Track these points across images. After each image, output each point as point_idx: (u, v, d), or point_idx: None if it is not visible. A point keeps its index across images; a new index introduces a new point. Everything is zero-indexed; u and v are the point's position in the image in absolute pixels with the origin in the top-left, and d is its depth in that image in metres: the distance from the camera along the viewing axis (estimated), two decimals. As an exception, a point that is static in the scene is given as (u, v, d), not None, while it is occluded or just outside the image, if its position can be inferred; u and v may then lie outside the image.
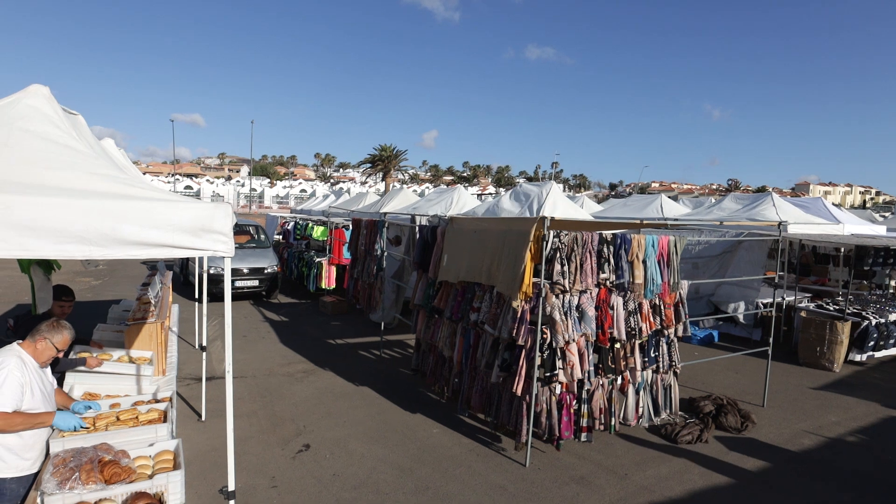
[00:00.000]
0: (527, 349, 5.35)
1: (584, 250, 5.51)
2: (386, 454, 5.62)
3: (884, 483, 5.42)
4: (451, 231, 6.65)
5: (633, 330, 5.80)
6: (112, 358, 4.56)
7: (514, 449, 5.71)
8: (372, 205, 12.13)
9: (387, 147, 57.98)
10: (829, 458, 5.96)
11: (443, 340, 6.64)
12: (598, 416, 5.76)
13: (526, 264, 5.25)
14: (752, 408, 7.08)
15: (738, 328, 10.63)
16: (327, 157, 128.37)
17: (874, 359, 9.60)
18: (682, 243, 6.24)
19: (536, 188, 8.32)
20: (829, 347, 8.99)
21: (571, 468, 5.44)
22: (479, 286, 6.09)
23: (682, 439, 6.05)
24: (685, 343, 10.20)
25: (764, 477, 5.47)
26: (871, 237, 10.49)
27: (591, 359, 5.59)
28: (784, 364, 9.25)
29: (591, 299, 5.57)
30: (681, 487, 5.18)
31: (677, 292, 6.22)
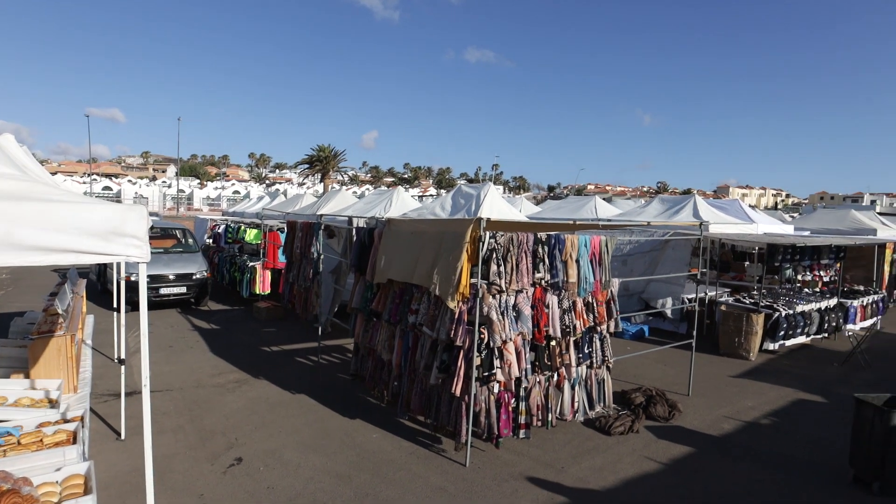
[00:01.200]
0: (465, 350, 5.36)
1: (519, 251, 5.60)
2: (324, 463, 5.46)
3: (794, 460, 5.84)
4: (388, 233, 6.58)
5: (567, 327, 5.95)
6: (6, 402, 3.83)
7: (454, 450, 5.71)
8: (308, 206, 11.83)
9: (325, 147, 56.61)
10: (747, 440, 6.36)
11: (381, 344, 6.55)
12: (536, 412, 5.86)
13: (463, 265, 5.26)
14: (678, 397, 7.45)
15: (667, 323, 11.18)
16: (262, 158, 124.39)
17: (784, 347, 10.37)
18: (613, 243, 6.48)
19: (475, 190, 8.39)
20: (746, 338, 9.62)
21: (511, 465, 5.51)
22: (417, 288, 6.05)
23: (615, 431, 6.26)
24: (618, 338, 10.61)
25: (689, 462, 5.76)
26: (780, 236, 11.33)
27: (528, 357, 5.68)
28: (707, 355, 9.81)
29: (526, 298, 5.67)
30: (614, 477, 5.36)
31: (609, 290, 6.44)
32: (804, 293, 12.04)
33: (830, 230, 15.16)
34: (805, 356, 10.28)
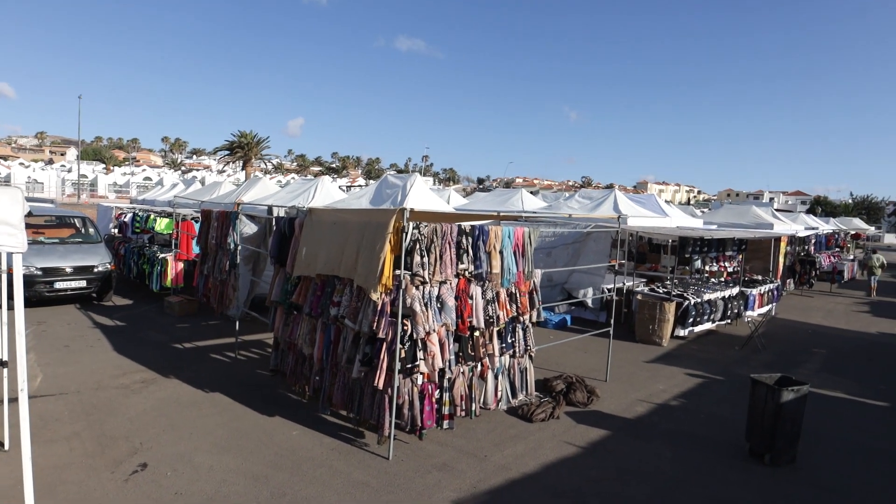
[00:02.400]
0: (388, 342, 5.27)
1: (443, 241, 5.56)
2: (238, 464, 5.20)
3: (698, 437, 6.24)
4: (309, 223, 6.34)
5: (491, 318, 6.00)
6: None
7: (377, 443, 5.62)
8: (227, 195, 11.21)
9: (247, 134, 53.90)
10: (657, 421, 6.72)
11: (302, 338, 6.32)
12: (460, 402, 5.88)
13: (386, 256, 5.16)
14: (597, 383, 7.75)
15: (588, 312, 11.63)
16: (177, 142, 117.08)
17: (693, 333, 11.08)
18: (536, 234, 6.59)
19: (401, 180, 8.27)
20: (659, 325, 10.19)
21: (434, 456, 5.49)
22: (339, 280, 5.87)
23: (537, 418, 6.41)
24: (541, 328, 10.90)
25: (605, 443, 6.01)
26: (691, 229, 12.07)
27: (451, 348, 5.68)
28: (624, 342, 10.29)
29: (450, 290, 5.65)
30: (535, 462, 5.48)
31: (531, 280, 6.56)
32: (711, 283, 12.91)
33: (734, 224, 16.34)
34: (711, 341, 11.03)
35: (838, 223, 32.03)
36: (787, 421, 5.63)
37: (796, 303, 17.02)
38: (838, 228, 28.79)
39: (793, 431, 5.73)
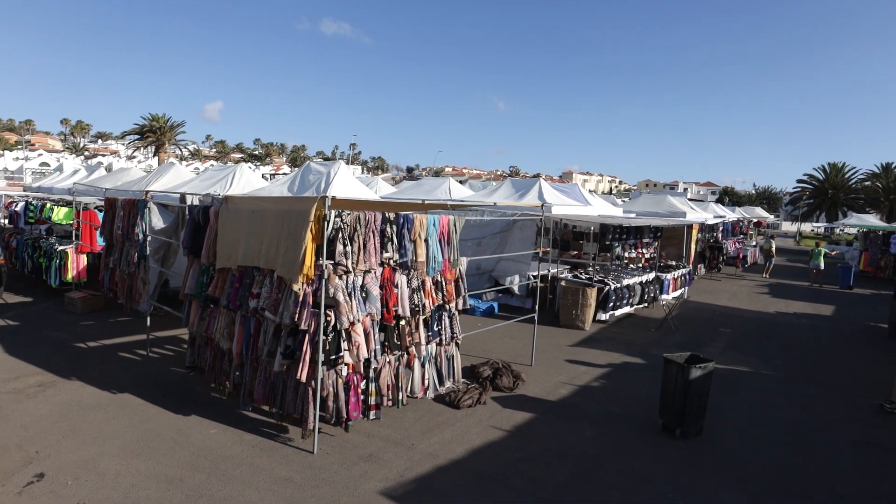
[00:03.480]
0: (310, 333, 5.12)
1: (367, 230, 5.46)
2: (150, 467, 4.89)
3: (616, 415, 6.55)
4: (225, 212, 6.02)
5: (416, 307, 5.97)
6: None
7: (301, 438, 5.48)
8: (135, 182, 10.40)
9: (159, 117, 50.24)
10: (579, 402, 6.99)
11: (220, 332, 6.02)
12: (386, 392, 5.82)
13: (307, 245, 4.99)
14: (523, 368, 7.94)
15: (515, 299, 11.89)
16: (79, 125, 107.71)
17: (614, 317, 11.61)
18: (461, 223, 6.62)
19: (324, 168, 8.03)
20: (582, 310, 10.59)
21: (360, 447, 5.42)
22: (258, 271, 5.63)
23: (464, 404, 6.48)
24: (469, 315, 11.03)
25: (530, 426, 6.17)
26: (611, 217, 12.59)
27: (377, 338, 5.60)
28: (549, 327, 10.61)
29: (375, 279, 5.56)
30: (462, 448, 5.54)
31: (457, 269, 6.59)
32: (630, 269, 13.57)
33: (651, 213, 17.22)
34: (629, 324, 11.61)
35: (743, 212, 34.68)
36: (695, 396, 6.02)
37: (706, 286, 18.26)
38: (743, 217, 31.17)
39: (700, 406, 6.13)
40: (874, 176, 57.26)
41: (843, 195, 58.30)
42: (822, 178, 60.75)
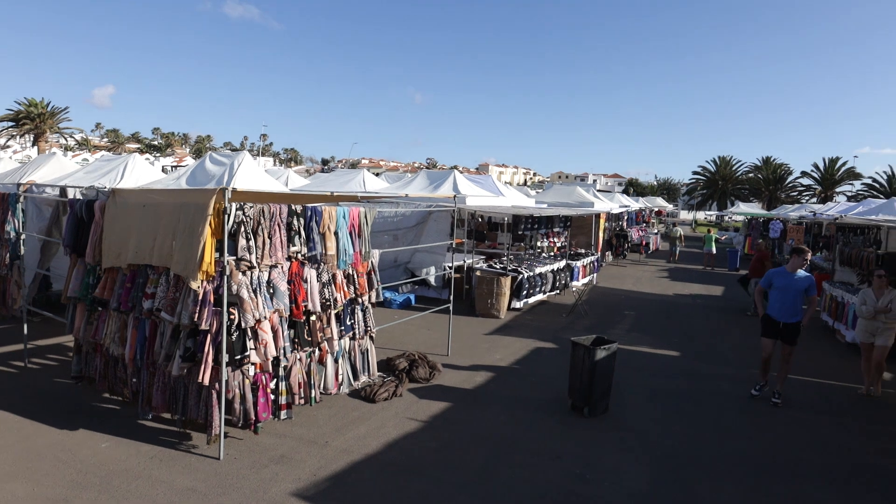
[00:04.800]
0: (212, 333, 4.83)
1: (272, 223, 5.23)
2: (30, 490, 4.41)
3: (529, 398, 6.77)
4: (113, 206, 5.53)
5: (327, 301, 5.82)
6: None
7: (206, 444, 5.17)
8: (7, 174, 9.32)
9: (37, 102, 44.82)
10: (494, 388, 7.15)
11: (110, 337, 5.54)
12: (298, 390, 5.64)
13: (206, 240, 4.70)
14: (439, 358, 8.00)
15: (431, 290, 11.94)
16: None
17: (527, 304, 11.99)
18: (373, 215, 6.52)
19: (227, 159, 7.61)
20: (497, 299, 10.83)
21: (271, 449, 5.21)
22: (152, 269, 5.23)
23: (380, 397, 6.42)
24: (386, 308, 10.96)
25: (446, 415, 6.23)
26: (523, 208, 12.95)
27: (286, 335, 5.40)
28: (466, 317, 10.77)
29: (282, 273, 5.35)
30: (377, 442, 5.48)
31: (369, 261, 6.49)
32: (542, 257, 14.07)
33: (562, 203, 17.95)
34: (542, 310, 12.04)
35: (646, 202, 37.08)
36: (601, 376, 6.34)
37: (613, 272, 19.36)
38: (645, 206, 33.31)
39: (606, 385, 6.47)
40: (756, 168, 63.34)
41: (731, 186, 63.96)
42: (714, 171, 66.26)
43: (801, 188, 60.96)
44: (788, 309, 6.87)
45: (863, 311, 7.37)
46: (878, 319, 7.25)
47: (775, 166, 61.99)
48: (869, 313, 7.28)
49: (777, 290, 6.96)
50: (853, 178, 58.00)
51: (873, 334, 7.31)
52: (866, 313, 7.31)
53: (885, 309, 7.15)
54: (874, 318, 7.27)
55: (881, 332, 7.24)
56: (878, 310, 7.21)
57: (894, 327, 7.25)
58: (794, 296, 6.86)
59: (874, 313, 7.24)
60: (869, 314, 7.28)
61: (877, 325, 7.27)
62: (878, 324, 7.26)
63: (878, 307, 7.22)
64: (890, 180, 54.54)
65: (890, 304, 7.14)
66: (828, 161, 59.33)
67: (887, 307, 7.14)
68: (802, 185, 60.97)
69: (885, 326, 7.22)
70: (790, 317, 6.87)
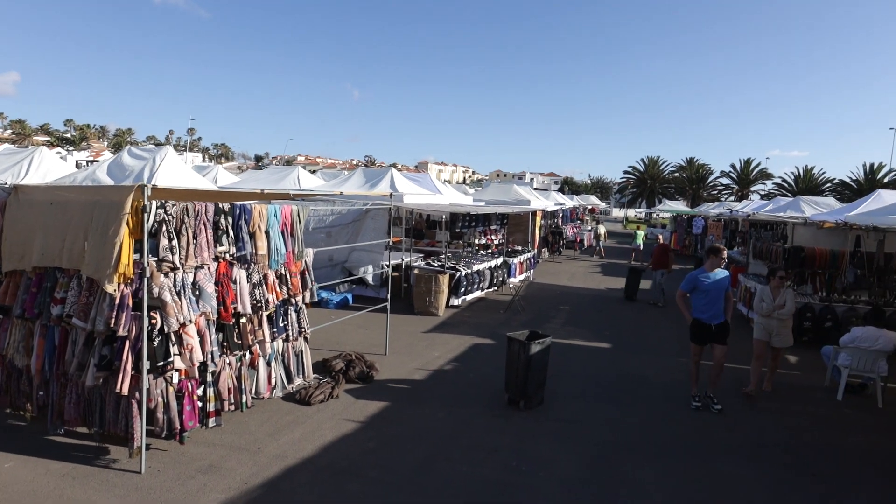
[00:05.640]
0: (131, 339, 4.55)
1: (197, 222, 4.99)
2: (-83, 519, 3.99)
3: (467, 395, 6.84)
4: (16, 204, 5.09)
5: (258, 302, 5.62)
6: None
7: (128, 457, 4.87)
8: None
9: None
10: (432, 385, 7.17)
11: (13, 347, 5.09)
12: (228, 396, 5.41)
13: (122, 241, 4.41)
14: (377, 357, 7.93)
15: (370, 289, 11.82)
16: None
17: (466, 301, 12.11)
18: (306, 213, 6.36)
19: (148, 153, 7.19)
20: (435, 297, 10.87)
21: (199, 459, 4.98)
22: (61, 272, 4.86)
23: (316, 400, 6.28)
24: (323, 308, 10.75)
25: (384, 414, 6.18)
26: (460, 206, 13.06)
27: (214, 338, 5.17)
28: (404, 315, 10.74)
29: (209, 275, 5.11)
30: (313, 445, 5.36)
31: (303, 260, 6.33)
32: (480, 254, 14.24)
33: (499, 201, 18.23)
34: (480, 307, 12.20)
35: (580, 200, 38.39)
36: (536, 370, 6.50)
37: (549, 268, 19.90)
38: (580, 204, 34.47)
39: (540, 378, 6.64)
40: (681, 168, 67.04)
41: (659, 185, 67.35)
42: (643, 170, 69.51)
43: (720, 187, 65.13)
44: (716, 310, 6.75)
45: (762, 307, 7.42)
46: (774, 318, 7.31)
47: (698, 166, 65.89)
48: (767, 311, 7.34)
49: (702, 293, 6.77)
50: (765, 178, 62.64)
51: (770, 333, 7.36)
52: (765, 311, 7.35)
53: (779, 306, 7.27)
54: (770, 317, 7.33)
55: (778, 330, 7.32)
56: (774, 307, 7.29)
57: (790, 326, 7.41)
58: (719, 296, 6.76)
59: (772, 311, 7.31)
60: (766, 312, 7.35)
61: (773, 324, 7.34)
62: (774, 322, 7.33)
63: (774, 305, 7.31)
64: (797, 180, 59.31)
65: (785, 302, 7.28)
66: (743, 162, 63.71)
67: (782, 304, 7.27)
68: (722, 184, 65.18)
69: (782, 325, 7.32)
70: (718, 317, 6.77)
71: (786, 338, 7.39)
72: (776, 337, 7.33)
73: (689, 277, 6.93)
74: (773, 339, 7.35)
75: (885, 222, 8.41)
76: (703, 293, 6.75)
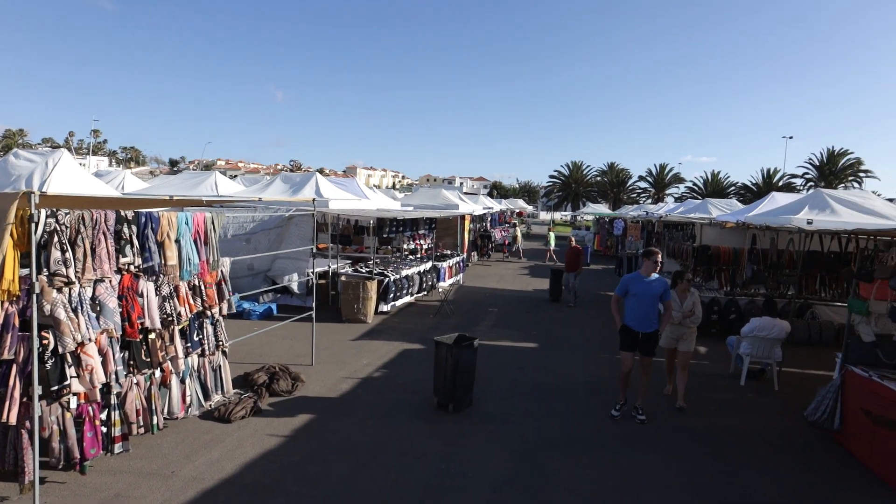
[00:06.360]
0: (19, 363, 4.13)
1: (95, 231, 4.61)
2: None
3: (396, 401, 6.76)
4: None
5: (169, 316, 5.28)
6: None
7: (18, 494, 4.40)
8: None
9: None
10: (361, 394, 7.04)
11: None
12: (136, 419, 5.03)
13: (6, 254, 3.99)
14: (303, 368, 7.68)
15: (295, 298, 11.46)
16: None
17: (395, 307, 12.02)
18: (221, 220, 6.07)
19: (40, 157, 6.59)
20: (363, 303, 10.70)
21: (102, 489, 4.59)
22: (-67, 290, 4.33)
23: (236, 416, 5.98)
24: (245, 320, 10.30)
25: (309, 427, 5.99)
26: (388, 210, 12.97)
27: (118, 357, 4.80)
28: (332, 324, 10.50)
29: (111, 288, 4.75)
30: (233, 465, 5.10)
31: (219, 270, 6.03)
32: (409, 259, 14.20)
33: (427, 206, 18.30)
34: (410, 312, 12.15)
35: (508, 203, 39.27)
36: (464, 372, 6.53)
37: (479, 271, 20.17)
38: (508, 208, 35.25)
39: (468, 380, 6.68)
40: (603, 173, 70.38)
41: (583, 188, 70.28)
42: (568, 174, 72.29)
43: (639, 190, 69.02)
44: (646, 317, 6.40)
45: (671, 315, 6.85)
46: (683, 325, 7.01)
47: (618, 171, 69.48)
48: (676, 318, 6.97)
49: (634, 298, 6.43)
50: (678, 181, 67.10)
51: (677, 339, 7.07)
52: (675, 318, 6.96)
53: (689, 313, 6.98)
54: (680, 324, 7.01)
55: (684, 337, 7.04)
56: (683, 314, 6.99)
57: (695, 331, 7.14)
58: (651, 302, 6.41)
59: (681, 317, 6.98)
60: (676, 319, 6.97)
61: (681, 331, 7.03)
62: (682, 329, 7.02)
63: (683, 311, 7.00)
64: (706, 183, 63.93)
65: (693, 308, 7.01)
66: (659, 167, 67.91)
67: (691, 311, 6.99)
68: (640, 187, 69.14)
69: (689, 331, 7.04)
70: (648, 325, 6.40)
71: (691, 342, 7.09)
72: (683, 342, 7.05)
73: (622, 280, 6.63)
74: (679, 345, 7.07)
75: (776, 222, 9.18)
76: (635, 298, 6.43)
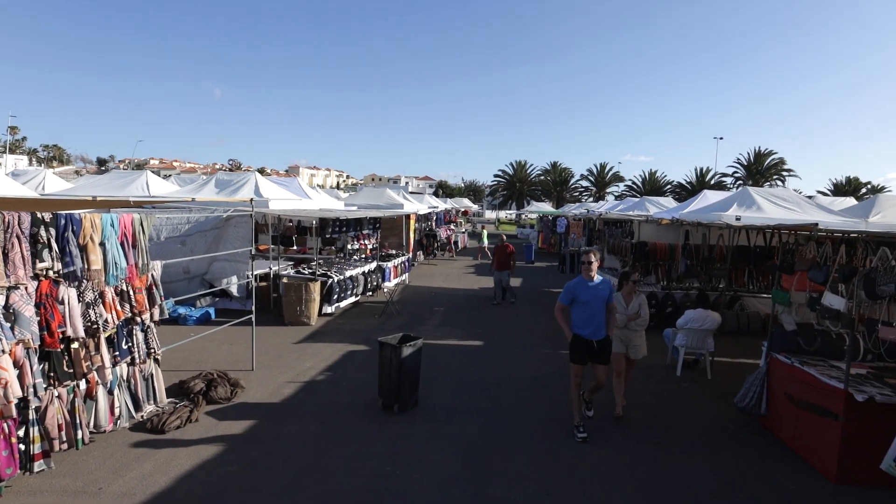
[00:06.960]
0: (-80, 379, 3.79)
1: (8, 235, 4.30)
2: None
3: (341, 403, 6.67)
4: None
5: (94, 323, 4.99)
6: None
7: (-79, 522, 4.05)
8: None
9: None
10: (304, 398, 6.90)
11: None
12: (58, 434, 4.73)
13: None
14: (242, 374, 7.45)
15: (234, 302, 11.08)
16: None
17: (339, 308, 11.85)
18: (151, 222, 5.79)
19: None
20: (306, 305, 10.49)
21: (20, 512, 4.29)
22: None
23: (171, 426, 5.73)
24: (181, 325, 9.89)
25: (249, 434, 5.81)
26: (330, 211, 12.76)
27: (36, 369, 4.49)
28: (274, 327, 10.23)
29: (26, 296, 4.43)
30: (167, 478, 4.88)
31: (149, 274, 5.75)
32: (354, 260, 14.04)
33: (372, 205, 18.13)
34: (355, 313, 12.01)
35: (454, 203, 39.53)
36: (408, 372, 6.53)
37: (425, 271, 20.19)
38: (453, 207, 35.47)
39: (413, 380, 6.68)
40: (546, 172, 72.11)
41: (527, 187, 71.73)
42: (512, 174, 73.57)
43: (581, 189, 71.12)
44: (598, 324, 5.98)
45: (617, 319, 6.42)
46: (629, 328, 6.71)
47: (561, 170, 71.39)
48: (622, 321, 6.62)
49: (582, 305, 5.98)
50: (618, 180, 69.69)
51: (627, 344, 6.73)
52: (620, 321, 6.57)
53: (634, 316, 6.70)
54: (626, 327, 6.69)
55: (632, 343, 6.75)
56: (628, 317, 6.69)
57: (643, 335, 6.86)
58: (601, 307, 6.00)
59: (626, 321, 6.67)
60: (621, 322, 6.62)
61: (628, 335, 6.72)
62: (628, 332, 6.72)
63: (628, 314, 6.70)
64: (644, 182, 66.70)
65: (640, 310, 6.75)
66: (599, 166, 70.23)
67: (637, 314, 6.72)
68: (582, 186, 71.26)
69: (636, 335, 6.76)
70: (601, 332, 6.01)
71: (641, 347, 6.81)
72: (633, 349, 6.75)
73: (566, 287, 6.14)
74: (629, 351, 6.75)
75: (708, 218, 9.69)
76: (583, 305, 5.98)
